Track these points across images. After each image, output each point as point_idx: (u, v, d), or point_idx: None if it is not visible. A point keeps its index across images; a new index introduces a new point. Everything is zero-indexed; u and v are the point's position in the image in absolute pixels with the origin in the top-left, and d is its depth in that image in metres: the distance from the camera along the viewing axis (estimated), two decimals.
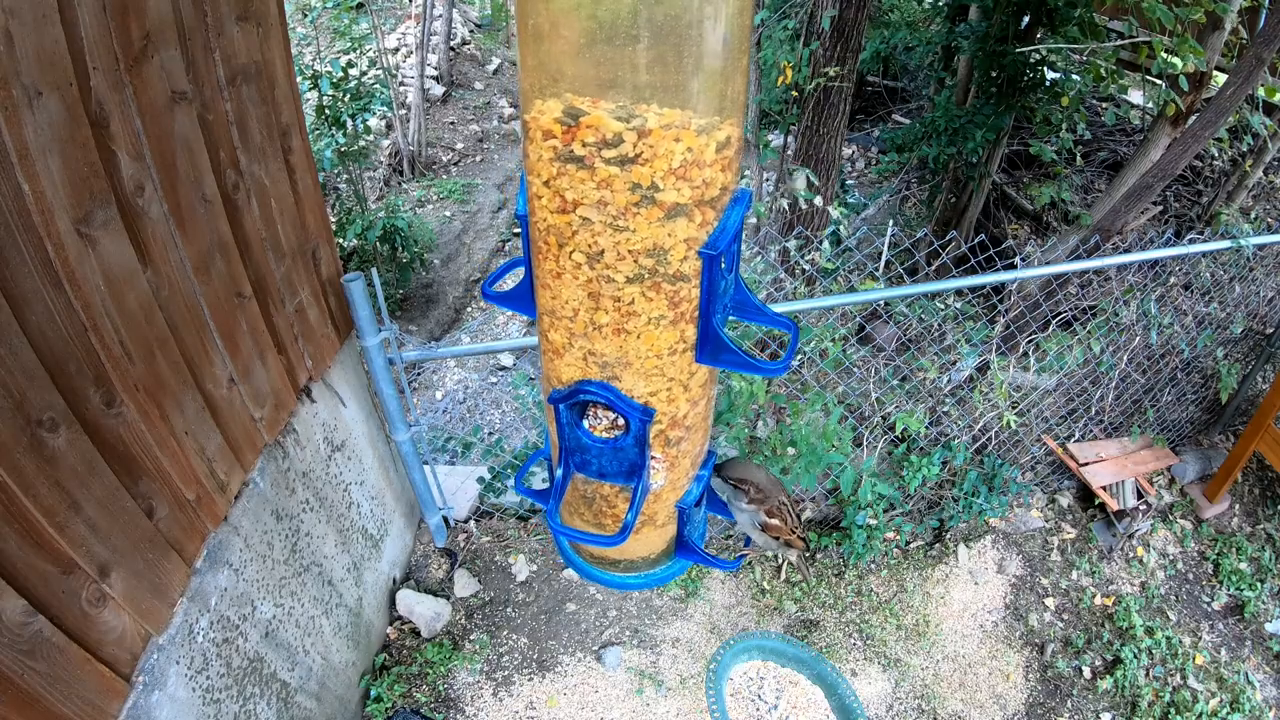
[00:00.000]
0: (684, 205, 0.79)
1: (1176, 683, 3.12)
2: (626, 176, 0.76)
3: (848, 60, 3.54)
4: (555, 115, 0.75)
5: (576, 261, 0.83)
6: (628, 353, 0.89)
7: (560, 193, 0.79)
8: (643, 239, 0.80)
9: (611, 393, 0.92)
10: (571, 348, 0.92)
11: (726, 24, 0.72)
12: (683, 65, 0.72)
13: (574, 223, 0.80)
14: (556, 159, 0.77)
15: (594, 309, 0.86)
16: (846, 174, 7.25)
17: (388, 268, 5.61)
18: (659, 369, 0.92)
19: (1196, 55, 3.50)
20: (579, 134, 0.74)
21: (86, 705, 1.39)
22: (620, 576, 1.21)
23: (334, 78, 4.86)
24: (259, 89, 1.87)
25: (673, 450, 1.03)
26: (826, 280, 3.14)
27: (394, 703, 2.63)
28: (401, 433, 2.64)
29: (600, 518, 1.12)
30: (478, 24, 10.33)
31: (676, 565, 1.22)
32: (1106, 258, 3.06)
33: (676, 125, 0.74)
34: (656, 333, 0.88)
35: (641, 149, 0.74)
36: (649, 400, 0.94)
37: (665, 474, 1.05)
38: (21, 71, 1.16)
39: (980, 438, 3.47)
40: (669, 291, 0.85)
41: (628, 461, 0.99)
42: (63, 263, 1.29)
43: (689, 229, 0.81)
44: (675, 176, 0.77)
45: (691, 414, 1.01)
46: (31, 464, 1.24)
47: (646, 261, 0.82)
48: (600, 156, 0.75)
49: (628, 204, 0.77)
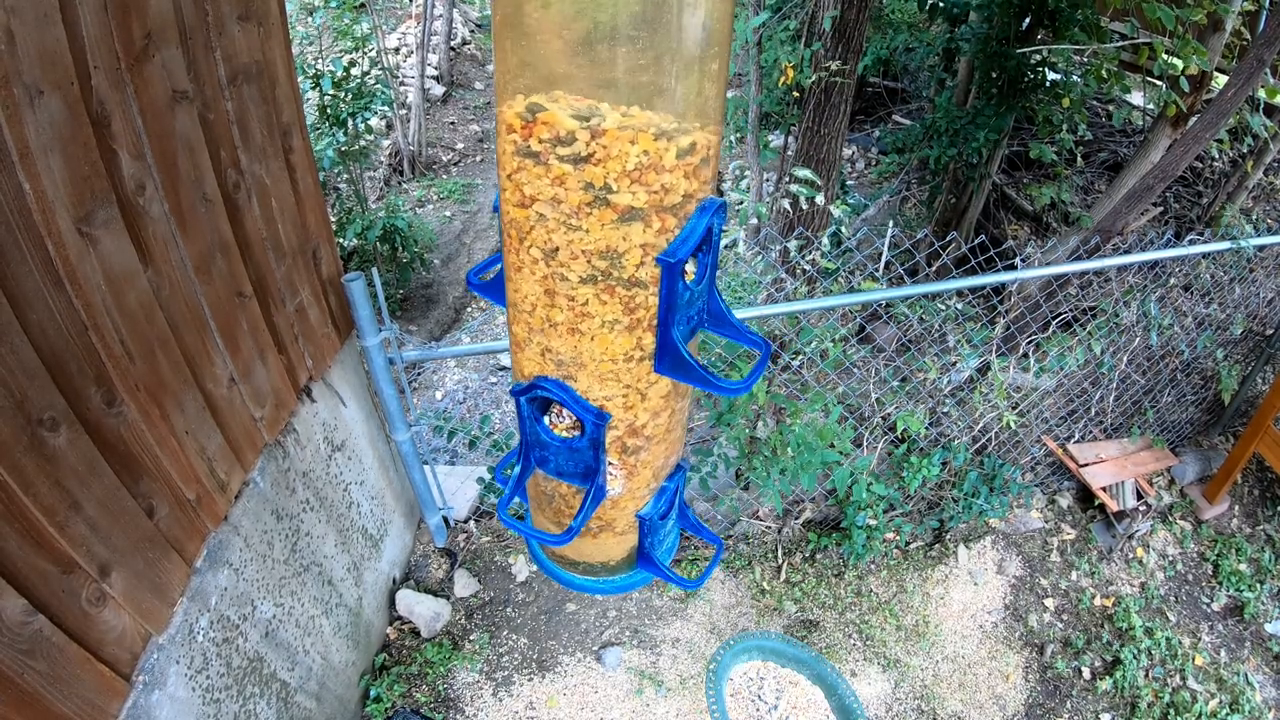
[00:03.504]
0: (639, 209, 0.78)
1: (1176, 683, 3.12)
2: (579, 175, 0.75)
3: (849, 60, 3.54)
4: (518, 110, 0.75)
5: (534, 256, 0.83)
6: (581, 353, 0.89)
7: (520, 186, 0.79)
8: (595, 240, 0.79)
9: (566, 392, 0.92)
10: (530, 342, 0.92)
11: (699, 27, 0.71)
12: (646, 67, 0.71)
13: (531, 217, 0.80)
14: (517, 153, 0.77)
15: (550, 305, 0.86)
16: (847, 175, 7.25)
17: (388, 268, 5.61)
18: (614, 374, 0.90)
19: (1200, 56, 3.50)
20: (535, 130, 0.74)
21: (86, 705, 1.39)
22: (579, 579, 1.20)
23: (335, 77, 4.86)
24: (260, 88, 1.87)
25: (630, 459, 1.01)
26: (827, 280, 3.14)
27: (394, 703, 2.62)
28: (401, 433, 2.64)
29: (560, 516, 1.12)
30: (478, 24, 10.33)
31: (637, 576, 1.20)
32: (1106, 259, 3.06)
33: (633, 127, 0.73)
34: (611, 336, 0.87)
35: (595, 149, 0.73)
36: (604, 404, 0.93)
37: (623, 482, 1.03)
38: (23, 70, 1.16)
39: (980, 438, 3.47)
40: (624, 296, 0.84)
41: (583, 463, 0.99)
42: (63, 262, 1.29)
43: (645, 234, 0.80)
44: (630, 179, 0.76)
45: (652, 424, 0.99)
46: (32, 463, 1.24)
47: (600, 263, 0.81)
48: (554, 154, 0.75)
49: (580, 203, 0.77)
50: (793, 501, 3.38)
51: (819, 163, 3.83)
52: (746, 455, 2.84)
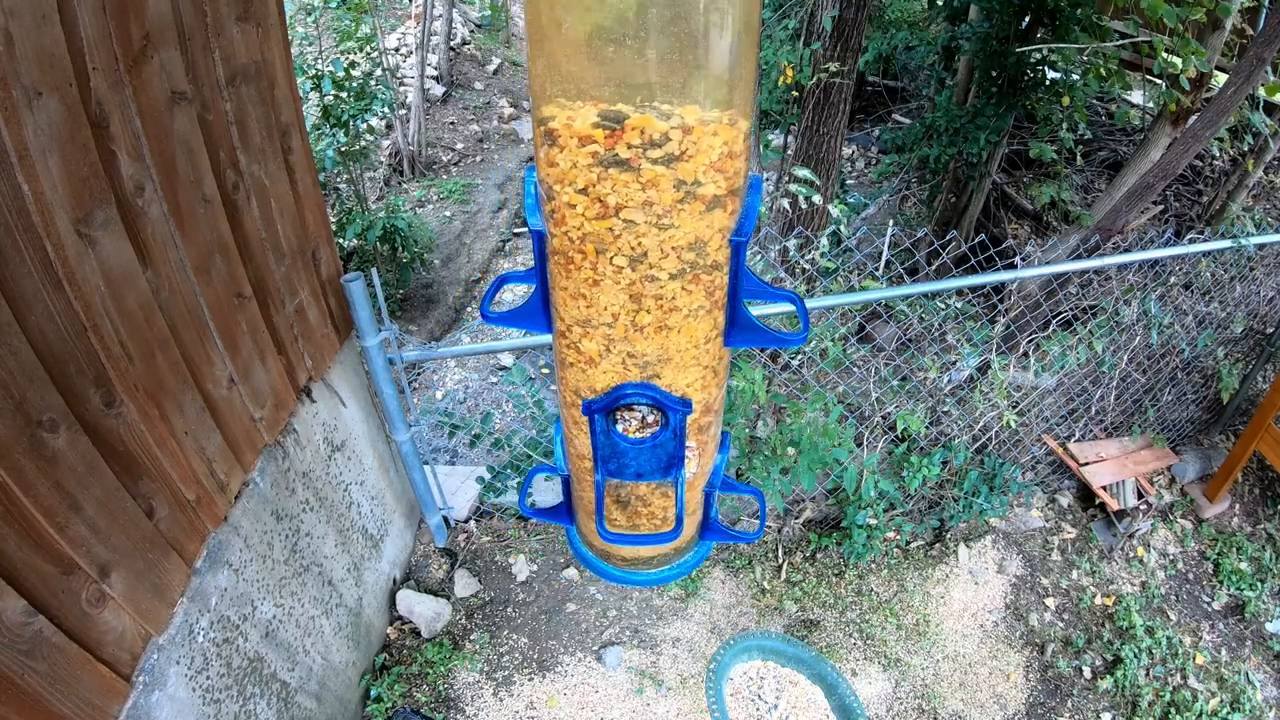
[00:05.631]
0: (720, 196, 0.82)
1: (1177, 682, 3.12)
2: (672, 174, 0.78)
3: (848, 60, 3.54)
4: (592, 120, 0.75)
5: (618, 265, 0.84)
6: (668, 349, 0.91)
7: (600, 198, 0.79)
8: (686, 234, 0.82)
9: (654, 391, 0.94)
10: (609, 354, 0.93)
11: (740, 17, 0.75)
12: (712, 62, 0.75)
13: (616, 227, 0.81)
14: (597, 164, 0.78)
15: (636, 310, 0.87)
16: (846, 174, 7.24)
17: (388, 268, 5.60)
18: (696, 359, 0.94)
19: (1199, 56, 3.50)
20: (624, 136, 0.75)
21: (86, 705, 1.39)
22: (652, 573, 1.21)
23: (336, 78, 4.86)
24: (259, 89, 1.87)
25: (704, 436, 1.05)
26: (826, 280, 3.14)
27: (394, 703, 2.63)
28: (401, 433, 2.64)
29: (635, 519, 1.13)
30: (478, 24, 10.32)
31: (703, 549, 1.24)
32: (1107, 257, 3.06)
33: (714, 121, 0.77)
34: (695, 324, 0.90)
35: (686, 145, 0.76)
36: (686, 392, 0.96)
37: (698, 461, 1.07)
38: (21, 72, 1.16)
39: (980, 437, 3.47)
40: (706, 281, 0.87)
41: (666, 456, 1.00)
42: (62, 263, 1.29)
43: (723, 218, 0.84)
44: (714, 169, 0.79)
45: (719, 398, 1.04)
46: (31, 464, 1.25)
47: (689, 256, 0.84)
48: (646, 157, 0.76)
49: (673, 201, 0.79)
50: (793, 501, 3.38)
51: (818, 162, 3.83)
52: (746, 455, 2.84)
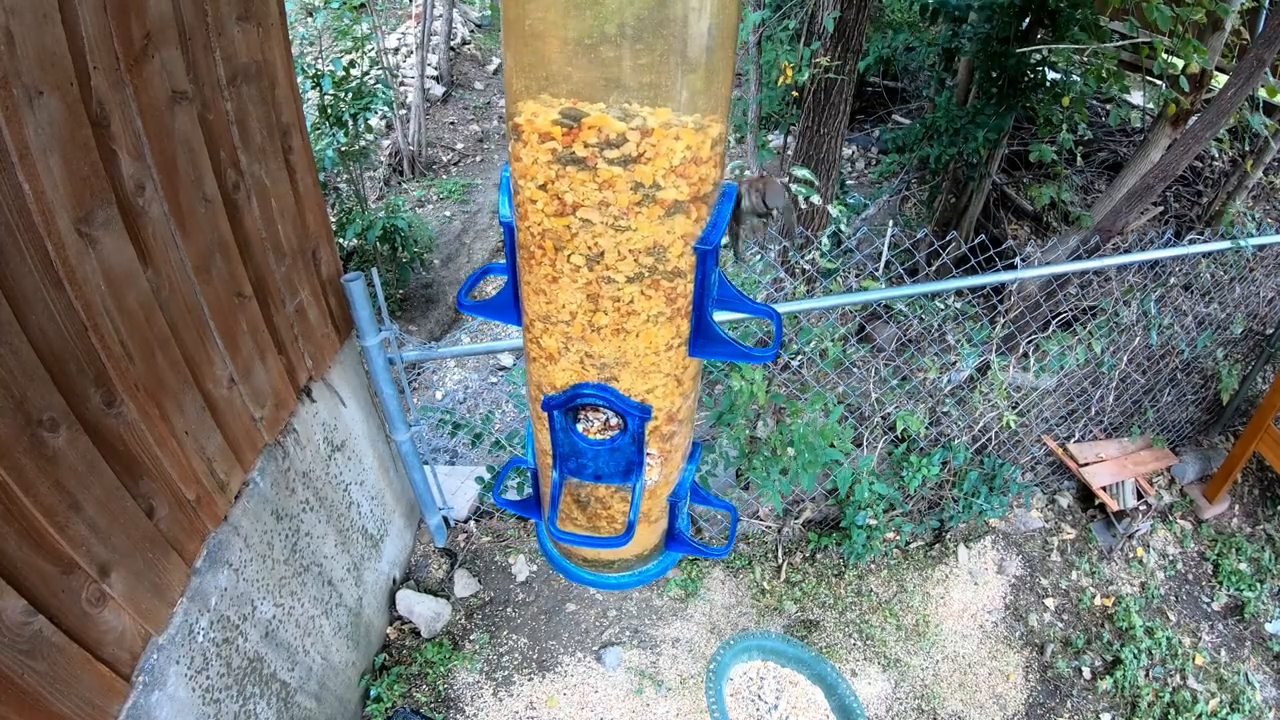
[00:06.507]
0: (683, 202, 0.80)
1: (1176, 683, 3.12)
2: (629, 176, 0.76)
3: (848, 60, 3.54)
4: (553, 117, 0.75)
5: (575, 264, 0.83)
6: (626, 352, 0.90)
7: (559, 195, 0.79)
8: (644, 237, 0.80)
9: (610, 394, 0.92)
10: (568, 352, 0.92)
11: (713, 20, 0.73)
12: (678, 64, 0.73)
13: (573, 225, 0.80)
14: (555, 161, 0.77)
15: (593, 311, 0.86)
16: (846, 174, 7.24)
17: (388, 268, 5.60)
18: (655, 365, 0.92)
19: (1200, 55, 3.50)
20: (581, 135, 0.74)
21: (86, 705, 1.39)
22: (615, 577, 1.21)
23: (335, 77, 4.86)
24: (259, 89, 1.87)
25: (667, 445, 1.03)
26: (826, 280, 3.14)
27: (394, 703, 2.62)
28: (401, 433, 2.64)
29: (595, 520, 1.12)
30: (478, 24, 10.32)
31: (668, 559, 1.23)
32: (1106, 258, 3.06)
33: (677, 124, 0.75)
34: (655, 330, 0.88)
35: (644, 148, 0.75)
36: (645, 398, 0.94)
37: (660, 469, 1.05)
38: (22, 71, 1.16)
39: (980, 438, 3.47)
40: (667, 288, 0.86)
41: (625, 460, 0.99)
42: (63, 262, 1.29)
43: (686, 225, 0.82)
44: (675, 174, 0.77)
45: (684, 408, 1.02)
46: (31, 464, 1.24)
47: (647, 260, 0.82)
48: (602, 157, 0.75)
49: (630, 203, 0.78)
50: (793, 501, 3.38)
51: (818, 162, 3.83)
52: (746, 455, 2.84)
